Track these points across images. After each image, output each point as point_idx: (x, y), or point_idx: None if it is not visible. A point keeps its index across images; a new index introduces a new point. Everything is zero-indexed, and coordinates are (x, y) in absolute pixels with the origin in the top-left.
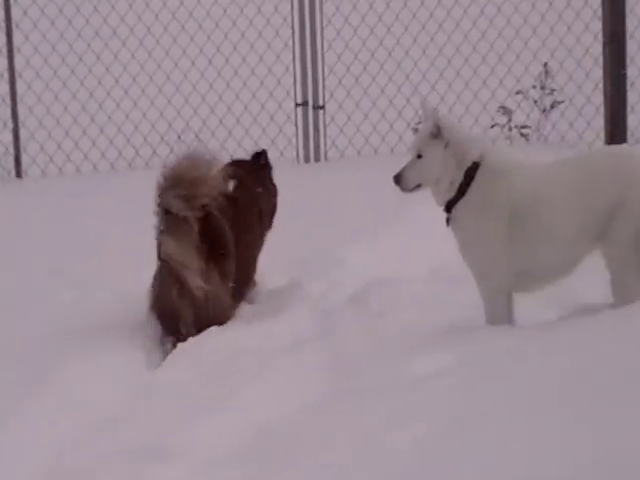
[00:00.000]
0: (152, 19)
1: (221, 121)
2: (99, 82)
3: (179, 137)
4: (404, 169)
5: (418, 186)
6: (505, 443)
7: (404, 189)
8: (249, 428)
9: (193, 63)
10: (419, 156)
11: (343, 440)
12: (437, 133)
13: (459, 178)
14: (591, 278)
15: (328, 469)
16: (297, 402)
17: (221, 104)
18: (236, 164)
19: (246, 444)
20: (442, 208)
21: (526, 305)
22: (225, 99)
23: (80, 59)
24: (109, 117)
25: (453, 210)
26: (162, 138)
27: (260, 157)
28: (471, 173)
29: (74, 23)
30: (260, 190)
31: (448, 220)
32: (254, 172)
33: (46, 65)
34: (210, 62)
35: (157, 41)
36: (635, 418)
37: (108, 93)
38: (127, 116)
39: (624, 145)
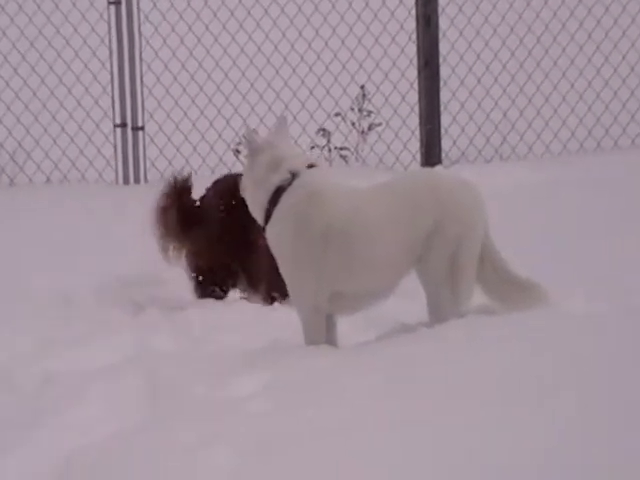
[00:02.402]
0: None
1: (38, 142)
2: None
3: None
4: None
5: None
6: (312, 466)
7: None
8: (60, 457)
9: (7, 84)
10: None
11: (152, 466)
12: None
13: (265, 201)
14: (408, 298)
15: None
16: (110, 428)
17: (37, 125)
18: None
19: (56, 474)
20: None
21: (346, 325)
22: (41, 120)
23: None
24: None
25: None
26: None
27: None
28: (276, 197)
29: None
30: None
31: None
32: None
33: None
34: (25, 82)
35: None
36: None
37: None
38: None
39: (438, 167)
